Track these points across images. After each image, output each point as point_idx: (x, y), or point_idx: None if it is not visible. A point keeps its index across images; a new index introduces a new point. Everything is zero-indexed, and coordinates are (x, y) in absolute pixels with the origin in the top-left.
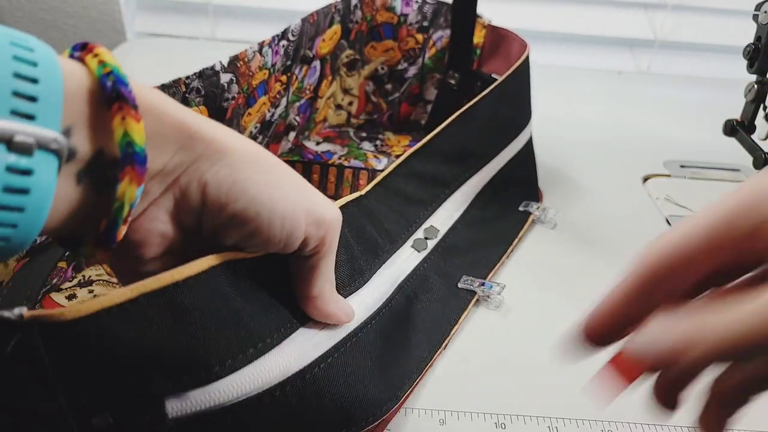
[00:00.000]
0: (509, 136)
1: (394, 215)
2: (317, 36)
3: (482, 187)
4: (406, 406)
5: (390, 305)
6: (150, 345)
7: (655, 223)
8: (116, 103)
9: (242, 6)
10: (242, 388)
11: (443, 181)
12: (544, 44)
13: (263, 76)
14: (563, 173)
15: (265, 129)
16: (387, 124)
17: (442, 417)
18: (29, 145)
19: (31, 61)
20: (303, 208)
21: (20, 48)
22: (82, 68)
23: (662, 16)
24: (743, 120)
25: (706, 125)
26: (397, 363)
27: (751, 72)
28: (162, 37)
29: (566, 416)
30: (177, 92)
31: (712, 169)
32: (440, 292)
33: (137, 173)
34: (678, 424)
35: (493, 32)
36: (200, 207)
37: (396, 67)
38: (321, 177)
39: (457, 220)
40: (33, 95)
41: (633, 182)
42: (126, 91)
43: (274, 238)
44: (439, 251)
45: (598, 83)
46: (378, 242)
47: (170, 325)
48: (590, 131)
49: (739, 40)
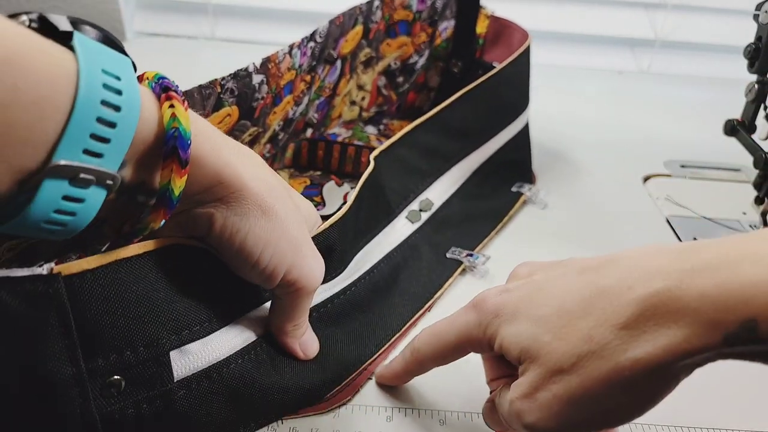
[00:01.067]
0: (507, 118)
1: (394, 184)
2: (341, 37)
3: (479, 166)
4: (406, 407)
5: (372, 273)
6: (151, 298)
7: (655, 223)
8: (170, 159)
9: (242, 5)
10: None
11: (443, 155)
12: (545, 44)
13: (291, 76)
14: (563, 173)
15: (286, 126)
16: (394, 113)
17: (442, 417)
18: (90, 181)
19: (115, 105)
20: (288, 263)
21: (110, 91)
22: (154, 113)
23: (663, 15)
24: (744, 120)
25: (707, 125)
26: (376, 324)
27: (751, 72)
28: (161, 36)
29: None
30: (212, 93)
31: (712, 169)
32: (429, 260)
33: (166, 214)
34: (678, 424)
35: (496, 22)
36: (204, 234)
37: (408, 61)
38: (325, 153)
39: (453, 195)
40: (108, 137)
41: (633, 182)
42: (182, 153)
43: (255, 276)
44: (432, 223)
45: (599, 83)
46: (378, 214)
47: (176, 279)
48: (590, 131)
49: (739, 39)
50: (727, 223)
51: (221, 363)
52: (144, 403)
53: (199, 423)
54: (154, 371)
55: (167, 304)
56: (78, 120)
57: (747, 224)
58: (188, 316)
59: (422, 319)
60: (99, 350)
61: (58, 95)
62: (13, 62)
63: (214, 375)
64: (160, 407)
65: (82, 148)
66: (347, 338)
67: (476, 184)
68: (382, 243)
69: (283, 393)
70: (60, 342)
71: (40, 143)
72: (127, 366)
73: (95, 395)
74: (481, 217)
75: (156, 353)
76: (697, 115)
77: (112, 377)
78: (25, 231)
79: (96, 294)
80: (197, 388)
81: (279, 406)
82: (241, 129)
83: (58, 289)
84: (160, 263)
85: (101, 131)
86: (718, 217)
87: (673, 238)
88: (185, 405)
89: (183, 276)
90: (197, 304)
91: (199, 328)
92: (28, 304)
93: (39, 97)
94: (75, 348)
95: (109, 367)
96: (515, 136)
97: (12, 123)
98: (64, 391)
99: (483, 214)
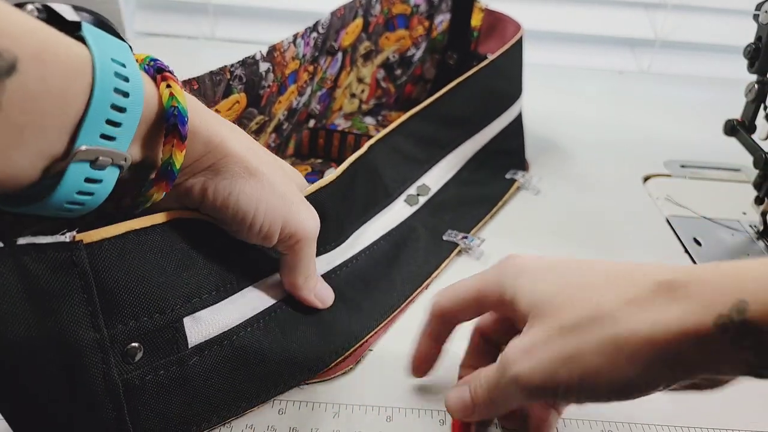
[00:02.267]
0: (501, 107)
1: (391, 172)
2: (342, 29)
3: (474, 153)
4: (407, 407)
5: (373, 248)
6: (163, 267)
7: (655, 223)
8: (171, 135)
9: (242, 6)
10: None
11: (439, 143)
12: (545, 44)
13: (295, 66)
14: (563, 172)
15: (290, 116)
16: (392, 105)
17: (442, 417)
18: (106, 163)
19: (124, 92)
20: (281, 217)
21: (119, 78)
22: (154, 95)
23: (663, 15)
24: (744, 120)
25: (707, 125)
26: (378, 299)
27: (751, 72)
28: (161, 36)
29: (566, 416)
30: (223, 79)
31: (712, 169)
32: (426, 241)
33: (168, 186)
34: (677, 424)
35: (490, 15)
36: (198, 202)
37: (406, 54)
38: (326, 141)
39: (449, 181)
40: (119, 122)
41: (633, 182)
42: (182, 128)
43: (253, 236)
44: (429, 207)
45: (599, 83)
46: (377, 195)
47: (185, 249)
48: (591, 131)
49: (739, 39)
50: (727, 223)
51: (231, 330)
52: (161, 369)
53: (212, 389)
54: (170, 337)
55: (178, 272)
56: (96, 107)
57: (747, 224)
58: (198, 284)
59: (420, 297)
60: (118, 316)
61: (78, 85)
62: (41, 57)
63: (225, 342)
64: (175, 373)
65: (99, 132)
66: (351, 310)
67: (471, 171)
68: (382, 222)
69: (291, 362)
70: (83, 308)
71: (64, 130)
72: (145, 332)
73: (117, 361)
74: (476, 201)
75: (170, 319)
76: (697, 115)
77: (131, 344)
78: (46, 211)
79: (114, 262)
80: (209, 355)
81: (288, 375)
82: (248, 117)
83: (80, 256)
84: (168, 234)
85: (114, 116)
86: (718, 217)
87: (673, 238)
88: (198, 371)
89: (190, 246)
90: (206, 273)
91: (207, 296)
92: (52, 270)
93: (64, 87)
94: (97, 314)
95: (128, 333)
96: (509, 124)
97: (42, 112)
98: (87, 356)
99: (478, 199)
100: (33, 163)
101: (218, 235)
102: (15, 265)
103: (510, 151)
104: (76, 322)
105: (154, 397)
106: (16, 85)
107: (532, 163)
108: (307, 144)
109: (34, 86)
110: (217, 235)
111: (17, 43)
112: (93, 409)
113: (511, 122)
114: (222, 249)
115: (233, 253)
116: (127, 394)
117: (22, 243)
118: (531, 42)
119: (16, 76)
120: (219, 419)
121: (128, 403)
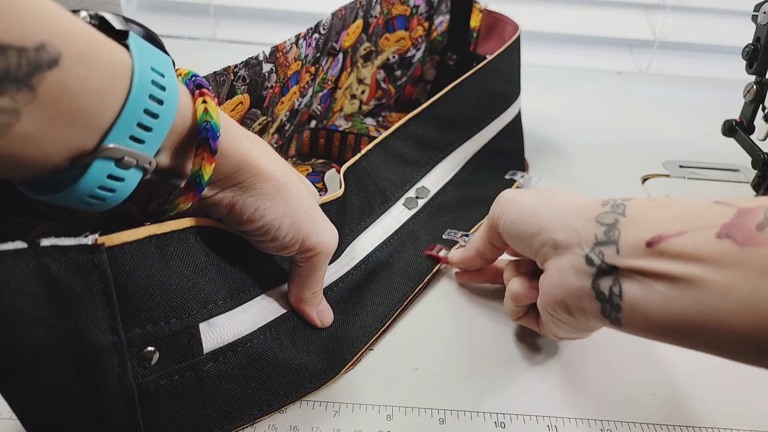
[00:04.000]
0: (500, 108)
1: (389, 175)
2: (343, 30)
3: (473, 155)
4: (407, 406)
5: (368, 260)
6: (181, 272)
7: None
8: (202, 148)
9: (243, 7)
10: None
11: (437, 145)
12: (544, 45)
13: (297, 66)
14: (562, 173)
15: (292, 117)
16: (392, 106)
17: (442, 416)
18: (131, 164)
19: (159, 99)
20: (304, 234)
21: (156, 87)
22: (189, 107)
23: (662, 16)
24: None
25: (706, 125)
26: (379, 303)
27: (750, 72)
28: (163, 37)
29: (566, 415)
30: (226, 80)
31: (711, 170)
32: (426, 241)
33: (195, 197)
34: (677, 423)
35: (489, 16)
36: (225, 215)
37: (405, 55)
38: (326, 142)
39: (447, 182)
40: (150, 127)
41: (632, 182)
42: (213, 143)
43: (274, 248)
44: (428, 209)
45: (598, 83)
46: (372, 201)
47: (202, 256)
48: (590, 131)
49: (738, 40)
50: None
51: (245, 337)
52: (176, 374)
53: (225, 396)
54: (185, 342)
55: (195, 278)
56: (130, 110)
57: None
58: (214, 290)
59: (419, 296)
60: (136, 320)
61: (116, 88)
62: (86, 57)
63: (239, 348)
64: (190, 379)
65: (129, 134)
66: (354, 318)
67: (471, 173)
68: (379, 227)
69: (301, 370)
70: (102, 311)
71: (96, 128)
72: (161, 337)
73: (133, 364)
74: (475, 202)
75: (187, 324)
76: (696, 115)
77: (147, 348)
78: (67, 202)
79: (134, 265)
80: (223, 361)
81: (298, 384)
82: (251, 117)
83: (101, 258)
84: (187, 240)
85: (146, 121)
86: None
87: None
88: (213, 377)
89: (208, 253)
90: (222, 279)
91: (223, 302)
92: (74, 272)
93: (102, 88)
94: (116, 317)
95: (145, 337)
96: (508, 125)
97: (78, 109)
98: (104, 359)
99: (477, 200)
100: (60, 153)
101: (234, 243)
102: (37, 265)
103: (509, 151)
104: (94, 324)
105: (168, 402)
106: (56, 79)
107: (531, 164)
108: (308, 144)
109: (73, 84)
110: (233, 243)
111: (64, 41)
112: (107, 412)
113: (509, 123)
114: (237, 256)
115: (248, 260)
116: (141, 398)
117: (45, 245)
118: (530, 43)
119: (56, 71)
120: (231, 426)
121: (142, 407)
